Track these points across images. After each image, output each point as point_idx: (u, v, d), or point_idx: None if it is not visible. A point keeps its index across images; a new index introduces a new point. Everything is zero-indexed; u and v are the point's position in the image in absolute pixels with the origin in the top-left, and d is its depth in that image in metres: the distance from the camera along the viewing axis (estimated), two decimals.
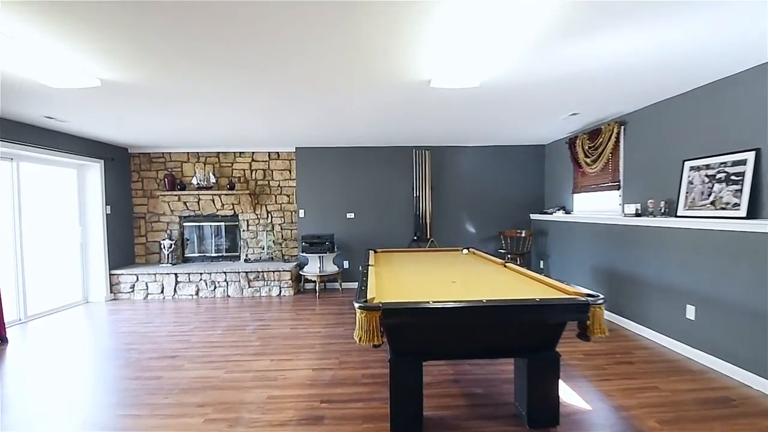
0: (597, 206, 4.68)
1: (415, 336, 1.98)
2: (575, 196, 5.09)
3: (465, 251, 4.07)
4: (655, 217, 3.55)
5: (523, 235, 5.59)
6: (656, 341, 3.47)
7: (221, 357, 3.19)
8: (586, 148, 4.63)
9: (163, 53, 2.34)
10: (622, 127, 4.15)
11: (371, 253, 3.93)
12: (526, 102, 3.52)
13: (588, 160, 4.59)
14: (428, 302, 1.83)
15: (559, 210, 5.25)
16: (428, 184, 5.85)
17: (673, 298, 3.33)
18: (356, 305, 1.82)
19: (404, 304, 1.84)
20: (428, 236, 5.86)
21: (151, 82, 2.83)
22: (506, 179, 5.96)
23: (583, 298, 1.93)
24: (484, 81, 2.84)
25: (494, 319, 1.88)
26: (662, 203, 3.49)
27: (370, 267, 2.88)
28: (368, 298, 1.93)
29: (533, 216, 5.88)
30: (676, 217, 3.29)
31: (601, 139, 4.37)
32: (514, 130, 4.89)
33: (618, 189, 4.23)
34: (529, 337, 2.04)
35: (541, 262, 5.73)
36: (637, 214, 3.77)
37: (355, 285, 5.86)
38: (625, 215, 3.91)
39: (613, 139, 4.18)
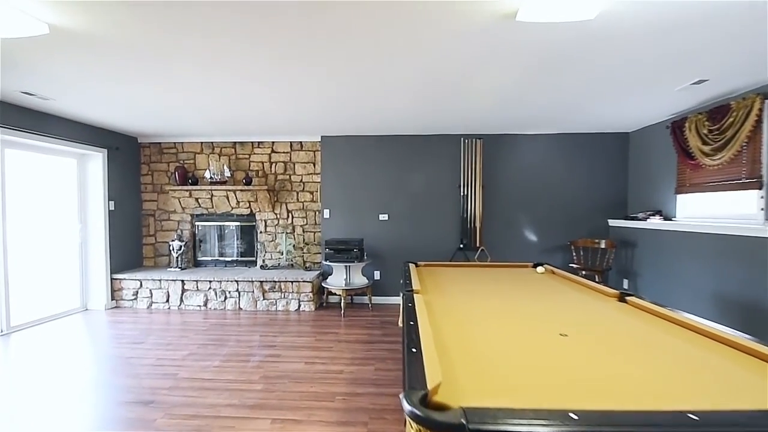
0: (718, 211, 3.46)
1: None
2: (679, 197, 3.87)
3: (540, 269, 3.00)
4: None
5: (602, 246, 4.40)
6: None
7: (207, 408, 2.33)
8: (704, 132, 3.42)
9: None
10: (767, 101, 2.94)
11: (412, 268, 2.95)
12: (647, 53, 2.38)
13: (707, 149, 3.38)
14: (568, 415, 0.84)
15: (654, 215, 4.03)
16: (479, 180, 4.80)
17: None
18: (407, 409, 0.86)
19: (518, 416, 0.85)
20: (477, 244, 4.80)
21: (115, 32, 2.03)
22: (577, 176, 4.78)
23: None
24: (604, 10, 1.80)
25: None
26: None
27: (416, 297, 1.90)
28: (430, 388, 0.96)
29: (612, 222, 4.67)
30: None
31: (730, 119, 3.16)
32: (598, 108, 3.74)
33: (759, 188, 3.02)
34: None
35: (625, 282, 4.51)
36: None
37: (387, 300, 4.91)
38: None
39: (751, 118, 2.98)
